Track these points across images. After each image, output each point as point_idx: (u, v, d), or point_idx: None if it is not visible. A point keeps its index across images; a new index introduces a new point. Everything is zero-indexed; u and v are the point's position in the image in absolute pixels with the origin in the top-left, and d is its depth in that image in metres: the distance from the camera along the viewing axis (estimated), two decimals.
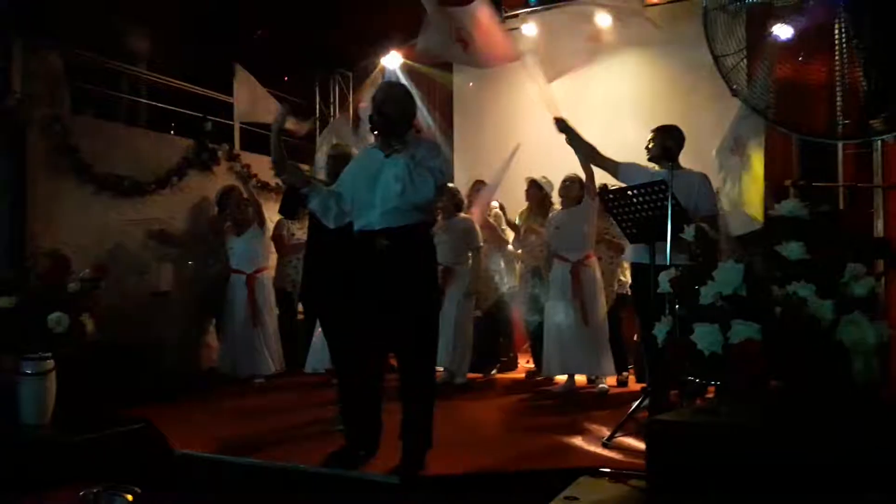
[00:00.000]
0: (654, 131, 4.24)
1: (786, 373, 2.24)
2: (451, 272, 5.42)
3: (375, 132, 3.27)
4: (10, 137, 5.06)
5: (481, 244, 5.58)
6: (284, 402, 4.97)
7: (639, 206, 3.54)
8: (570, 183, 5.27)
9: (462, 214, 5.63)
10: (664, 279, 2.62)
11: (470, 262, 5.55)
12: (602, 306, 5.25)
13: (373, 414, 3.35)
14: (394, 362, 3.54)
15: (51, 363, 4.20)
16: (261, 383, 5.69)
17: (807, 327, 2.21)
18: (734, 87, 2.64)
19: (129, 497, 3.27)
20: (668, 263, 3.15)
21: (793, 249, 2.42)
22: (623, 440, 3.47)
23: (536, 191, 5.75)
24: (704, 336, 2.39)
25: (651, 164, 4.23)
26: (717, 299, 2.40)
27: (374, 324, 3.25)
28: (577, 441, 3.65)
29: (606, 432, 3.56)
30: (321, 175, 4.51)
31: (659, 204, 3.45)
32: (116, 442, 3.90)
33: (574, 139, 4.22)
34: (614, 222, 4.02)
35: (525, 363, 6.86)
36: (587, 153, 4.32)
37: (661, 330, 2.65)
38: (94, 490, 3.30)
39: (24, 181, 5.09)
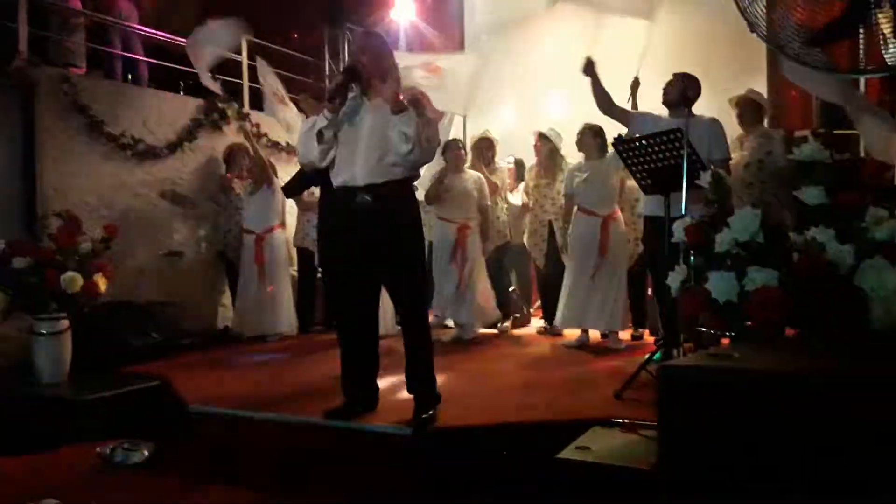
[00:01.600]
0: (675, 76, 4.18)
1: (803, 320, 2.19)
2: (465, 228, 5.35)
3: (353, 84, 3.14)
4: (19, 98, 5.03)
5: (487, 202, 5.51)
6: (296, 360, 4.99)
7: (654, 156, 3.46)
8: (584, 133, 5.16)
9: (469, 170, 5.55)
10: (679, 228, 2.55)
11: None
12: (626, 262, 5.18)
13: (368, 370, 3.36)
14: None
15: (65, 323, 4.25)
16: (273, 342, 5.72)
17: (825, 273, 2.15)
18: (752, 23, 2.53)
19: (145, 452, 3.33)
20: (682, 214, 3.08)
21: (812, 194, 2.35)
22: (636, 394, 3.44)
23: (545, 142, 5.64)
24: (720, 284, 2.33)
25: (663, 113, 4.16)
26: (732, 246, 2.34)
27: (364, 277, 3.23)
28: (589, 394, 3.63)
29: (619, 385, 3.52)
30: None
31: (675, 153, 3.37)
32: (132, 399, 3.95)
33: (595, 85, 4.25)
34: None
35: (538, 319, 6.86)
36: (604, 102, 4.29)
37: (675, 279, 2.60)
38: (111, 446, 3.37)
39: (34, 142, 5.06)
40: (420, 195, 5.87)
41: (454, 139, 5.80)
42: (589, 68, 4.26)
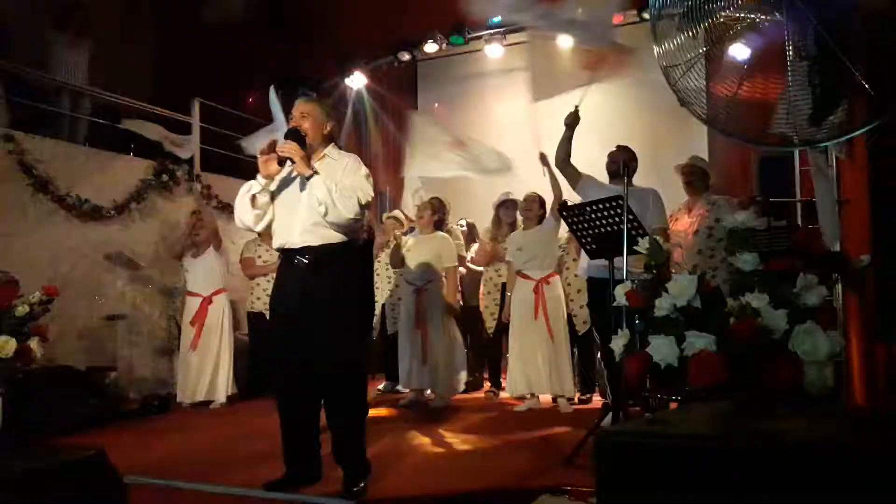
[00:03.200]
0: (618, 148, 4.36)
1: (740, 384, 2.23)
2: (423, 291, 5.35)
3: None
4: None
5: (455, 263, 5.52)
6: (239, 427, 4.84)
7: (597, 222, 3.54)
8: (529, 202, 5.31)
9: (440, 231, 5.56)
10: (620, 292, 2.60)
11: (444, 279, 5.46)
12: (564, 325, 5.23)
13: (308, 440, 3.23)
14: None
15: None
16: (217, 408, 5.56)
17: (760, 338, 2.20)
18: (682, 98, 2.65)
19: None
20: (624, 277, 3.15)
21: (746, 260, 2.42)
22: (586, 459, 3.42)
23: (514, 211, 5.73)
24: (660, 348, 2.36)
25: (606, 181, 4.31)
26: (671, 311, 2.39)
27: (299, 344, 3.12)
28: (539, 460, 3.60)
29: (569, 451, 3.50)
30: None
31: (616, 219, 3.46)
32: (64, 471, 3.75)
33: (567, 138, 4.36)
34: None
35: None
36: (563, 156, 4.41)
37: (618, 343, 2.62)
38: None
39: None
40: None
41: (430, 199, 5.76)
42: (573, 120, 4.34)
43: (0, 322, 4.08)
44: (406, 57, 7.89)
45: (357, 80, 8.01)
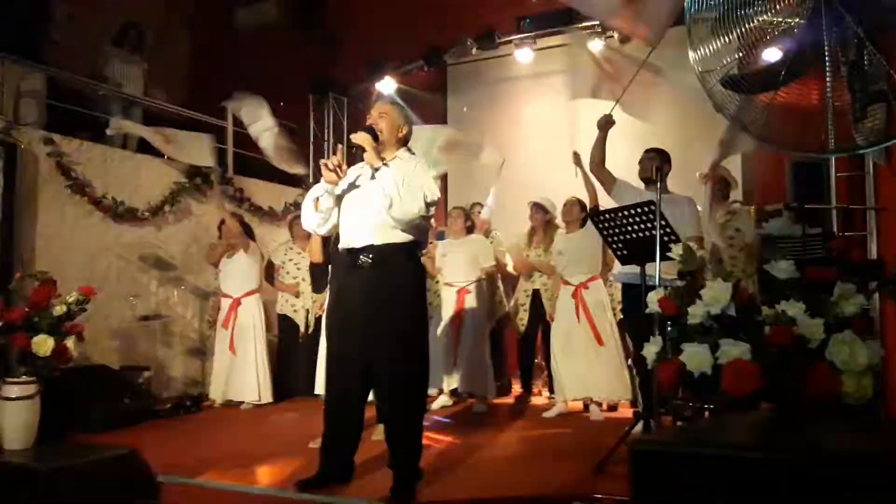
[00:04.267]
0: (650, 152, 4.29)
1: (776, 393, 2.20)
2: (463, 292, 5.36)
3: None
4: (1, 158, 5.04)
5: (493, 263, 5.51)
6: (270, 429, 4.89)
7: (629, 227, 3.52)
8: (569, 206, 5.29)
9: (474, 235, 5.60)
10: (653, 298, 2.58)
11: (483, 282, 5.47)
12: (613, 328, 5.19)
13: (348, 440, 3.25)
14: None
15: (34, 387, 4.14)
16: (248, 409, 5.61)
17: (797, 347, 2.17)
18: (717, 101, 2.63)
19: None
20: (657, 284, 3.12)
21: (782, 268, 2.38)
22: (617, 467, 3.40)
23: (542, 214, 5.73)
24: (693, 356, 2.34)
25: (641, 186, 4.26)
26: (705, 319, 2.36)
27: (358, 344, 3.14)
28: (569, 468, 3.58)
29: (599, 459, 3.48)
30: None
31: (649, 224, 3.43)
32: (99, 468, 3.82)
33: (600, 142, 4.30)
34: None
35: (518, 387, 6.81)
36: (598, 160, 4.35)
37: (650, 350, 2.60)
38: None
39: (13, 202, 5.06)
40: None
41: (455, 207, 5.82)
42: (605, 125, 4.30)
43: (38, 321, 4.17)
44: (435, 62, 7.90)
45: (387, 85, 8.04)
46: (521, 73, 7.81)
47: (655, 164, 4.14)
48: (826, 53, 2.81)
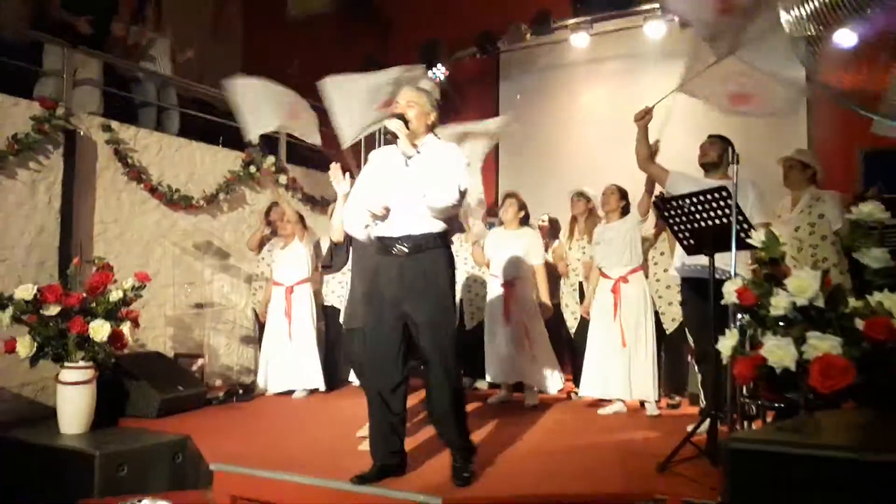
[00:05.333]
0: (713, 137, 4.13)
1: (870, 390, 2.02)
2: (510, 287, 5.20)
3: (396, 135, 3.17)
4: (62, 145, 5.11)
5: (542, 260, 5.33)
6: (322, 418, 4.85)
7: (697, 215, 3.33)
8: (608, 195, 5.08)
9: (527, 226, 5.40)
10: (730, 289, 2.41)
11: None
12: (650, 324, 4.97)
13: (397, 432, 3.23)
14: None
15: (91, 372, 4.18)
16: (300, 398, 5.60)
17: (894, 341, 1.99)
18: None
19: None
20: (732, 274, 2.95)
21: (876, 256, 2.20)
22: (679, 467, 3.24)
23: (585, 203, 5.57)
24: (776, 350, 2.18)
25: (699, 175, 4.09)
26: (790, 310, 2.20)
27: (396, 333, 3.16)
28: (629, 467, 3.42)
29: (659, 457, 3.32)
30: None
31: (719, 212, 3.25)
32: (153, 454, 3.84)
33: (642, 136, 4.20)
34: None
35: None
36: (644, 155, 4.23)
37: (725, 344, 2.44)
38: (130, 502, 3.24)
39: (72, 188, 5.12)
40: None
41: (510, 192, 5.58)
42: (643, 118, 4.19)
43: (95, 306, 4.21)
44: (489, 48, 7.76)
45: (439, 72, 7.94)
46: (576, 58, 7.64)
47: (717, 150, 4.09)
48: None
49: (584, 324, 5.42)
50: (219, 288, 6.30)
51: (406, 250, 3.12)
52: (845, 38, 3.30)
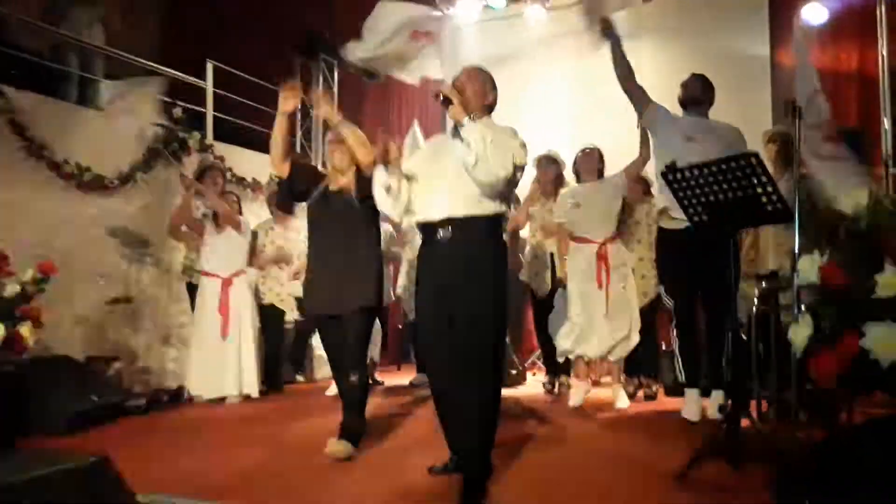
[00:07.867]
0: (693, 75, 4.14)
1: None
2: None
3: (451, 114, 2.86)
4: None
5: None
6: (265, 429, 4.20)
7: (716, 187, 2.89)
8: (589, 151, 4.73)
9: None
10: (807, 266, 1.96)
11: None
12: (634, 295, 4.61)
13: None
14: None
15: None
16: (235, 404, 4.94)
17: None
18: None
19: None
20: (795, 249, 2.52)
21: None
22: (697, 474, 2.81)
23: (551, 166, 5.14)
24: (883, 339, 1.74)
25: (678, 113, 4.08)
26: None
27: (448, 322, 2.83)
28: (638, 477, 2.97)
29: (664, 460, 2.92)
30: None
31: (743, 182, 2.81)
32: (60, 482, 3.15)
33: (616, 49, 4.10)
34: None
35: (532, 375, 6.28)
36: (624, 71, 4.12)
37: (800, 334, 1.99)
38: None
39: None
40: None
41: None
42: (608, 30, 4.07)
43: None
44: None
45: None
46: (532, 34, 7.28)
47: (705, 89, 4.07)
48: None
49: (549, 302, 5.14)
50: (137, 281, 5.54)
51: (450, 234, 2.83)
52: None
